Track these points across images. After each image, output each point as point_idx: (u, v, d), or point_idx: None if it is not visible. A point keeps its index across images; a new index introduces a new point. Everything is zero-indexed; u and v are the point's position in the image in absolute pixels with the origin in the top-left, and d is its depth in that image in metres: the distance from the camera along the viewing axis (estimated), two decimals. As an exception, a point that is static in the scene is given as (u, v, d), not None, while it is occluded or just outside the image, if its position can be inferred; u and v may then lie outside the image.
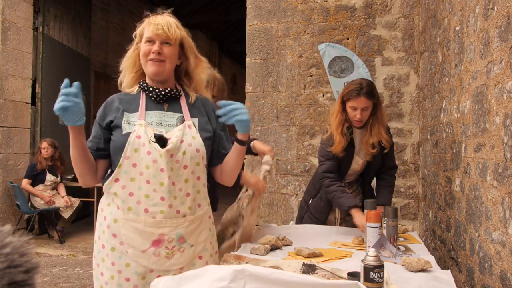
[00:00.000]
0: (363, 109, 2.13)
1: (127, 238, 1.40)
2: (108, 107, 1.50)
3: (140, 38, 1.49)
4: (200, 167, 1.47)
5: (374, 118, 2.20)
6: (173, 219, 1.41)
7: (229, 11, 9.07)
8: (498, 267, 1.63)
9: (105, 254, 1.43)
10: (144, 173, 1.39)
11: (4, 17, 4.95)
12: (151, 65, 1.45)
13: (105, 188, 1.45)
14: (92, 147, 1.47)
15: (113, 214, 1.42)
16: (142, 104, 1.47)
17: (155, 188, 1.39)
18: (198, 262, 1.48)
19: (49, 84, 5.69)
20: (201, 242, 1.49)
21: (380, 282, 1.18)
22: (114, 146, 1.44)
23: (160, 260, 1.40)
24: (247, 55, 4.18)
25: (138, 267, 1.40)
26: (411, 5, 3.84)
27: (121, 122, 1.44)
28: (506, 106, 1.55)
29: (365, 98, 2.11)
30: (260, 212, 4.07)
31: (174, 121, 1.47)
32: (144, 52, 1.45)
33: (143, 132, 1.40)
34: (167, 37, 1.44)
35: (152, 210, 1.39)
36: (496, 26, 1.65)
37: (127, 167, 1.39)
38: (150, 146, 1.38)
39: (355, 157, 2.29)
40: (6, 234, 0.72)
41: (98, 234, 1.48)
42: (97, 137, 1.48)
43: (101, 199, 1.52)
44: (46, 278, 3.81)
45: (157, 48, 1.43)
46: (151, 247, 1.39)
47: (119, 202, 1.41)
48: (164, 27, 1.43)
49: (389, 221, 1.81)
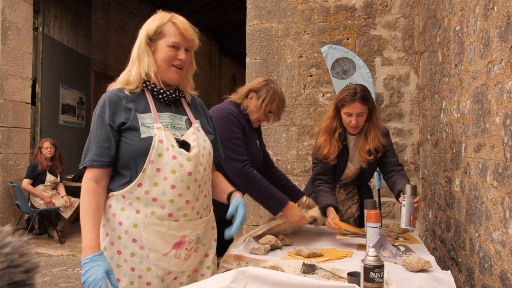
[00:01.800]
0: (358, 115, 2.10)
1: (148, 242, 1.35)
2: (114, 105, 1.38)
3: (155, 36, 1.41)
4: (210, 169, 1.53)
5: (370, 123, 2.17)
6: (193, 220, 1.42)
7: (229, 11, 9.07)
8: (498, 267, 1.63)
9: (122, 260, 1.37)
10: (169, 178, 1.35)
11: (4, 17, 4.95)
12: (175, 72, 1.42)
13: (123, 192, 1.36)
14: (102, 155, 1.35)
15: (132, 219, 1.35)
16: (152, 105, 1.42)
17: (180, 192, 1.37)
18: (205, 260, 1.51)
19: (49, 84, 5.69)
20: (208, 240, 1.52)
21: (380, 282, 1.18)
22: (131, 150, 1.35)
23: (180, 262, 1.40)
24: (247, 55, 4.18)
25: (158, 271, 1.37)
26: (411, 5, 3.84)
27: (137, 125, 1.36)
28: (506, 106, 1.55)
29: (359, 103, 2.08)
30: (260, 212, 4.07)
31: (184, 124, 1.47)
32: (169, 57, 1.40)
33: (164, 136, 1.36)
34: (194, 44, 1.43)
35: (176, 214, 1.37)
36: (496, 26, 1.65)
37: (151, 171, 1.34)
38: (175, 150, 1.36)
39: (348, 164, 2.27)
40: (6, 234, 0.72)
41: (109, 240, 1.38)
42: (108, 141, 1.36)
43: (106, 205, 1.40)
44: (46, 278, 3.81)
45: (184, 56, 1.41)
46: (173, 249, 1.38)
47: (141, 206, 1.35)
48: (192, 33, 1.41)
49: (409, 197, 1.79)
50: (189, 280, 1.42)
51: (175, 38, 1.40)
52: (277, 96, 2.12)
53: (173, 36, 1.40)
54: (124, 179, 1.38)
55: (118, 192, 1.37)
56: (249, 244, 1.86)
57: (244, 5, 4.29)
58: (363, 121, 2.14)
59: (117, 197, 1.37)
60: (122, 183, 1.38)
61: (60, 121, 5.98)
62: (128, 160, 1.36)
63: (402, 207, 1.84)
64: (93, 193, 1.34)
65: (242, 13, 4.90)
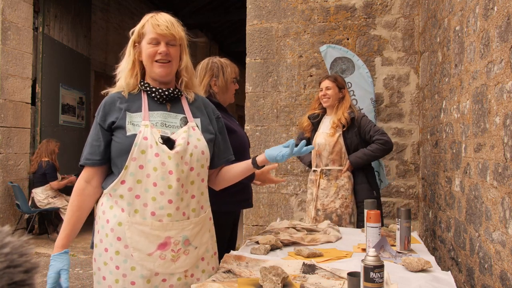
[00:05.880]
0: (326, 88, 2.80)
1: (132, 241, 1.36)
2: (108, 107, 1.44)
3: (139, 38, 1.46)
4: (204, 169, 1.48)
5: (340, 104, 2.80)
6: (179, 221, 1.39)
7: (229, 11, 9.06)
8: (498, 267, 1.63)
9: (108, 258, 1.39)
10: (151, 175, 1.36)
11: (4, 17, 4.95)
12: (159, 66, 1.43)
13: (109, 190, 1.40)
14: (93, 153, 1.42)
15: (117, 217, 1.38)
16: (144, 104, 1.44)
17: (162, 190, 1.36)
18: (201, 264, 1.47)
19: (49, 84, 5.69)
20: (203, 243, 1.49)
21: (380, 282, 1.18)
22: (118, 148, 1.39)
23: (166, 263, 1.38)
24: (247, 55, 4.18)
25: (143, 271, 1.36)
26: (411, 5, 3.84)
27: (125, 123, 1.40)
28: (506, 106, 1.55)
29: (328, 80, 2.82)
30: (260, 212, 4.07)
31: (178, 122, 1.46)
32: (150, 53, 1.42)
33: (149, 133, 1.37)
34: (173, 37, 1.43)
35: (158, 213, 1.36)
36: (496, 26, 1.65)
37: (133, 169, 1.36)
38: (158, 148, 1.36)
39: (317, 133, 2.87)
40: (5, 234, 0.72)
41: (99, 237, 1.42)
42: (98, 140, 1.42)
43: (99, 202, 1.47)
44: (46, 278, 3.80)
45: (164, 49, 1.41)
46: (157, 250, 1.37)
47: (125, 204, 1.37)
48: (168, 26, 1.42)
49: (403, 222, 1.80)
50: (181, 284, 1.40)
51: (152, 34, 1.42)
52: (223, 62, 2.19)
53: (150, 33, 1.43)
54: (113, 177, 1.41)
55: (106, 190, 1.42)
56: (249, 244, 1.86)
57: (244, 5, 4.28)
58: (331, 95, 2.79)
59: (107, 195, 1.43)
60: (111, 181, 1.41)
61: (60, 121, 5.98)
62: (116, 158, 1.41)
63: (397, 231, 1.84)
64: (79, 193, 1.43)
65: (242, 13, 4.90)
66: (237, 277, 1.44)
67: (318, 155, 2.81)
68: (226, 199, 1.89)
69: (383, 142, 2.66)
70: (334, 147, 2.74)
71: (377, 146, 2.66)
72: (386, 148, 2.67)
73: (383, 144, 2.66)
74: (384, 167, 3.60)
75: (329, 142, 2.75)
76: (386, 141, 2.66)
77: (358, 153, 2.71)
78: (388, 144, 2.66)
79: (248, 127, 4.15)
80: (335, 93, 2.79)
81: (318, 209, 2.74)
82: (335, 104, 2.80)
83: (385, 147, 2.66)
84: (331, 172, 2.75)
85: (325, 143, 2.77)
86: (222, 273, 1.47)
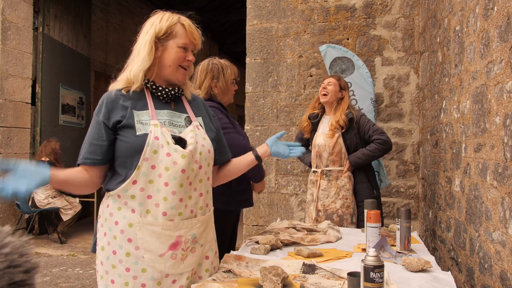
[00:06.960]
0: (328, 84, 2.80)
1: (144, 242, 1.34)
2: (111, 104, 1.40)
3: (166, 35, 1.43)
4: (210, 168, 1.50)
5: (339, 104, 2.81)
6: (188, 220, 1.40)
7: (229, 11, 9.07)
8: (498, 267, 1.63)
9: (117, 260, 1.36)
10: (163, 175, 1.34)
11: (4, 17, 4.95)
12: (183, 73, 1.47)
13: (118, 191, 1.36)
14: (94, 153, 1.37)
15: (128, 218, 1.35)
16: (150, 102, 1.43)
17: (173, 190, 1.36)
18: (204, 262, 1.48)
19: (49, 84, 5.69)
20: (208, 241, 1.50)
21: (380, 282, 1.18)
22: (127, 148, 1.36)
23: (176, 263, 1.38)
24: (247, 55, 4.18)
25: (154, 273, 1.35)
26: (411, 5, 3.84)
27: (133, 122, 1.37)
28: (506, 106, 1.55)
29: (330, 77, 2.88)
30: (260, 212, 4.07)
31: (183, 122, 1.47)
32: (178, 57, 1.44)
33: (160, 133, 1.36)
34: (198, 47, 1.50)
35: (170, 213, 1.36)
36: (496, 26, 1.65)
37: (145, 169, 1.34)
38: (170, 147, 1.35)
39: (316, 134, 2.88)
40: (5, 234, 0.72)
41: (106, 240, 1.39)
42: (100, 139, 1.37)
43: (104, 204, 1.43)
44: (46, 278, 3.81)
45: (192, 57, 1.47)
46: (169, 250, 1.36)
47: (136, 205, 1.35)
48: (199, 35, 1.48)
49: (403, 222, 1.81)
50: (189, 282, 1.41)
51: (185, 40, 1.44)
52: (223, 64, 2.21)
53: (183, 38, 1.44)
54: (120, 178, 1.38)
55: (114, 192, 1.37)
56: (249, 244, 1.86)
57: (244, 5, 4.29)
58: (331, 91, 2.79)
59: (114, 196, 1.38)
60: (118, 182, 1.38)
61: (60, 121, 5.98)
62: (124, 158, 1.37)
63: (397, 231, 1.84)
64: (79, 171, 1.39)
65: (242, 13, 4.90)
66: (237, 277, 1.44)
67: (318, 156, 2.81)
68: (230, 199, 1.89)
69: (382, 141, 2.66)
70: (334, 148, 2.74)
71: (376, 146, 2.67)
72: (385, 147, 2.67)
73: (381, 143, 2.66)
74: (384, 167, 3.60)
75: (329, 143, 2.76)
76: (385, 140, 2.66)
77: (358, 153, 2.71)
78: (387, 143, 2.67)
79: (248, 127, 4.15)
80: (335, 91, 2.79)
81: (319, 210, 2.74)
82: (333, 103, 2.81)
83: (384, 146, 2.67)
84: (332, 173, 2.75)
85: (325, 144, 2.77)
86: (222, 272, 1.47)
